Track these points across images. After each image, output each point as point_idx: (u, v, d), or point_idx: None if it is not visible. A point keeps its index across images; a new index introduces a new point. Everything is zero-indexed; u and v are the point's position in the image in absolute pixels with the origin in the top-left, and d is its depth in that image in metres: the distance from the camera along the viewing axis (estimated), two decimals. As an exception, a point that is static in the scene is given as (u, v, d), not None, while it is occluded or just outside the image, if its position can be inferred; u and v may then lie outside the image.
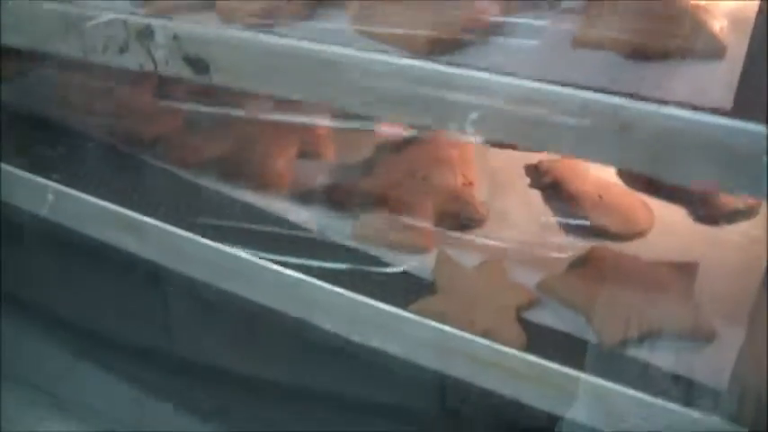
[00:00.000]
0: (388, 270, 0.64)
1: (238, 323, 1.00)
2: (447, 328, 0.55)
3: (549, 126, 0.46)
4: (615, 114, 0.44)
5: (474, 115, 0.48)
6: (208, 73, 0.59)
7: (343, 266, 0.64)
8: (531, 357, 0.52)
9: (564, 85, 0.46)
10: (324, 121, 0.84)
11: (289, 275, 0.60)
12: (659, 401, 0.50)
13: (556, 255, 0.65)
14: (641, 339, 0.57)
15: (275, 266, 0.61)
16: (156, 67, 0.60)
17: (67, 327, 1.05)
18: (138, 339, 1.04)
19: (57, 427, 1.01)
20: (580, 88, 0.46)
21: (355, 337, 0.58)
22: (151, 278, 1.01)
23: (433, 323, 0.55)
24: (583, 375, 0.51)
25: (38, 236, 1.03)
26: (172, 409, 0.99)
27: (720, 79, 0.49)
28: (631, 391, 0.50)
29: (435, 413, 0.74)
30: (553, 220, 0.70)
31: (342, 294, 0.58)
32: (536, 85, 0.47)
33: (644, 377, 0.54)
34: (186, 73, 0.59)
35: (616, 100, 0.45)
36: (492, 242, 0.67)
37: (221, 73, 0.58)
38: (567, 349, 0.56)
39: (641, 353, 0.56)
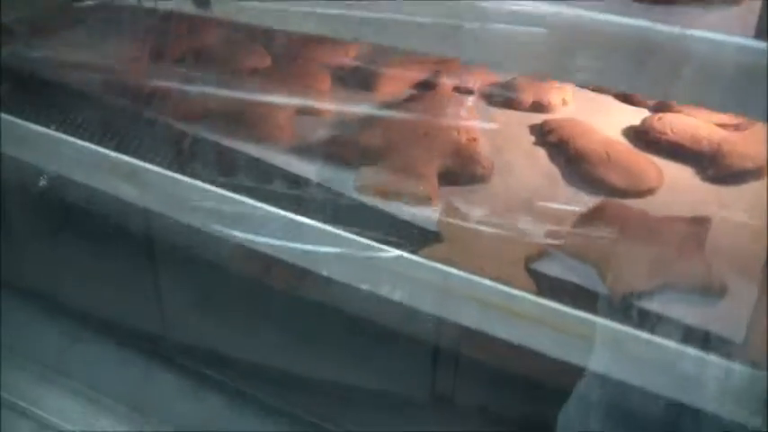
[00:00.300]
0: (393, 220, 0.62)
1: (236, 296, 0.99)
2: (457, 270, 0.53)
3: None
4: (640, 38, 0.43)
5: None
6: (209, 6, 0.56)
7: (345, 218, 0.61)
8: (544, 300, 0.50)
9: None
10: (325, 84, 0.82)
11: (293, 219, 0.58)
12: (676, 346, 0.48)
13: (563, 209, 0.64)
14: (653, 292, 0.55)
15: (278, 210, 0.58)
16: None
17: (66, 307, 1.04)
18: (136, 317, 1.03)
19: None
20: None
21: (364, 285, 0.56)
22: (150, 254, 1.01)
23: (443, 266, 0.53)
24: (598, 319, 0.49)
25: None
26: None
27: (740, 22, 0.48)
28: (648, 336, 0.49)
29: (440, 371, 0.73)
30: (559, 176, 0.69)
31: (346, 237, 0.56)
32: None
33: (656, 327, 0.52)
34: (188, 7, 0.57)
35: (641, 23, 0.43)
36: (498, 194, 0.65)
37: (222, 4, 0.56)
38: (577, 299, 0.55)
39: (653, 305, 0.55)
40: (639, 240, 0.59)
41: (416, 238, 0.60)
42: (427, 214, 0.63)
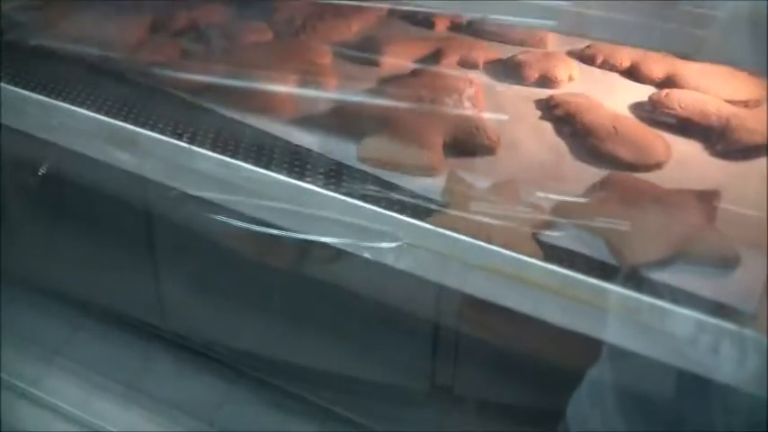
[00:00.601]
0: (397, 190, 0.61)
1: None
2: (465, 238, 0.51)
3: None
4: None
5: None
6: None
7: (349, 188, 0.60)
8: (554, 267, 0.49)
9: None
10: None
11: (295, 185, 0.56)
12: (689, 313, 0.47)
13: (570, 181, 0.63)
14: (664, 263, 0.54)
15: (281, 176, 0.57)
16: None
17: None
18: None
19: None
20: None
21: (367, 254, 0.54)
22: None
23: (451, 233, 0.52)
24: (612, 287, 0.48)
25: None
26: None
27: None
28: (661, 303, 0.48)
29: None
30: (566, 150, 0.68)
31: (350, 203, 0.54)
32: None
33: (669, 297, 0.51)
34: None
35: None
36: (504, 166, 0.64)
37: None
38: (587, 270, 0.54)
39: (664, 276, 0.54)
40: (649, 212, 0.58)
41: (420, 209, 0.59)
42: (432, 184, 0.62)
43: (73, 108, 0.65)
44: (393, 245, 0.95)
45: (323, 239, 0.97)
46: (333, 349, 0.98)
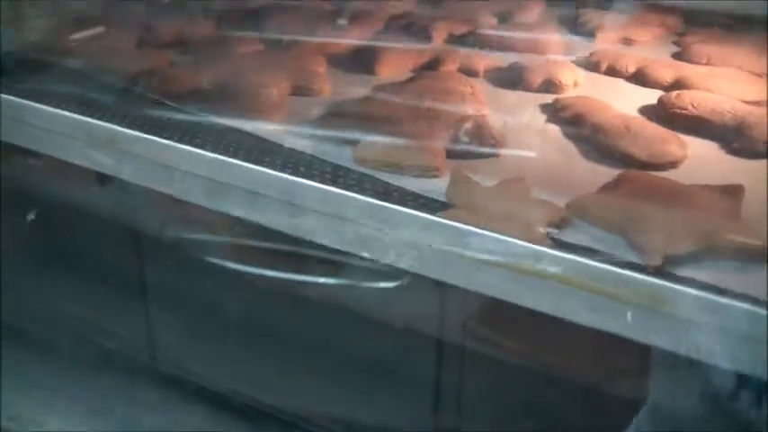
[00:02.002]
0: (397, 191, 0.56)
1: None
2: (482, 230, 0.47)
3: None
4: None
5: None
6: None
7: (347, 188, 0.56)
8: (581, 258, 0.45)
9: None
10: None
11: (290, 180, 0.52)
12: (720, 300, 0.42)
13: (582, 181, 0.59)
14: (688, 258, 0.50)
15: (276, 172, 0.52)
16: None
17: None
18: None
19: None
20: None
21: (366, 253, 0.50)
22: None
23: (462, 226, 0.47)
24: (640, 277, 0.44)
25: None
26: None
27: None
28: (692, 291, 0.43)
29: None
30: (575, 151, 0.64)
31: (350, 197, 0.50)
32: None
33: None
34: None
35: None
36: (511, 166, 0.60)
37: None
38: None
39: (688, 271, 0.49)
40: (671, 206, 0.54)
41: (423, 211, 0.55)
42: (433, 185, 0.58)
43: (51, 110, 0.61)
44: (393, 284, 0.91)
45: (321, 280, 0.94)
46: (329, 387, 0.94)
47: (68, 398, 0.99)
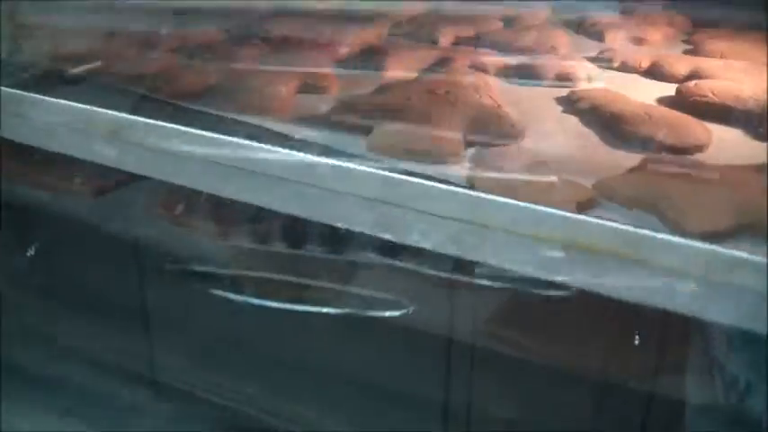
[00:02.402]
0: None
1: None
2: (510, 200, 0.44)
3: None
4: None
5: None
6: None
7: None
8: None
9: None
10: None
11: (305, 158, 0.49)
12: None
13: (605, 165, 0.56)
14: (725, 234, 0.47)
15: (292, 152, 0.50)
16: None
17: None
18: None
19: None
20: None
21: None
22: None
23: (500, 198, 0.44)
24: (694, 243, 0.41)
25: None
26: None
27: None
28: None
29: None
30: (596, 138, 0.62)
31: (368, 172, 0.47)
32: None
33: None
34: None
35: None
36: (531, 152, 0.58)
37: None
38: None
39: (727, 247, 0.46)
40: (705, 184, 0.51)
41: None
42: (450, 172, 0.55)
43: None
44: (399, 312, 0.88)
45: (325, 310, 0.91)
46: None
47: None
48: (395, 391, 0.90)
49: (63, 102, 0.56)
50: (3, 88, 0.59)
